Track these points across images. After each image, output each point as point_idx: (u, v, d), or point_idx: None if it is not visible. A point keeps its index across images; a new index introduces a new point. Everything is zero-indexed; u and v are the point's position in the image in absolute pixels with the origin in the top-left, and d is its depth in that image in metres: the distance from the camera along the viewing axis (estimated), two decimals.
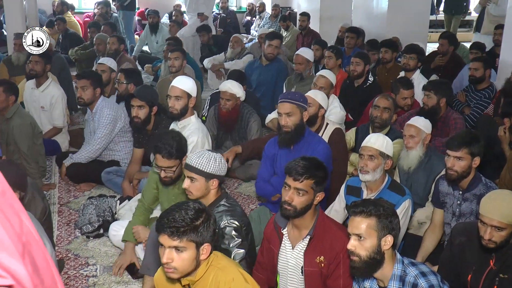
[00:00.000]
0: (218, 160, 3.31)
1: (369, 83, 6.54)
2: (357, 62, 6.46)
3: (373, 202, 2.70)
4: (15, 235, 0.84)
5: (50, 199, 5.22)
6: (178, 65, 6.72)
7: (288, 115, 4.09)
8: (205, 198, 3.28)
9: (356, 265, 2.64)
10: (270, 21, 13.08)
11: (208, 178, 3.26)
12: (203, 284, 2.59)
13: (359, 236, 2.62)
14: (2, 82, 5.45)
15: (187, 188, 3.28)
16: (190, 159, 3.30)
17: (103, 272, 4.06)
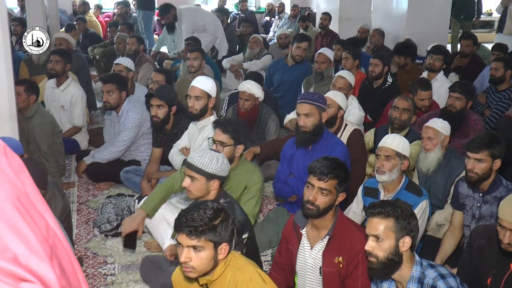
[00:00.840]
0: (221, 160, 3.28)
1: (388, 84, 6.50)
2: (376, 63, 6.43)
3: (391, 203, 2.69)
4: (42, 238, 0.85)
5: (70, 198, 5.26)
6: (197, 65, 6.74)
7: (307, 115, 4.09)
8: (205, 198, 3.24)
9: (374, 266, 2.63)
10: (289, 22, 13.05)
11: (209, 178, 3.23)
12: (220, 284, 2.59)
13: (377, 237, 2.61)
14: (23, 81, 5.51)
15: (187, 187, 3.26)
16: (191, 157, 3.27)
17: (121, 271, 4.08)
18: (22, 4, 11.47)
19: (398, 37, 9.21)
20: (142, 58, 7.98)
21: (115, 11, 13.16)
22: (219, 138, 3.91)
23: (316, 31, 11.17)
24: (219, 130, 3.93)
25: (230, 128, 3.90)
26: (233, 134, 3.90)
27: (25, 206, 0.89)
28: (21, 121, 5.05)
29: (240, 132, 3.95)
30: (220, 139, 3.90)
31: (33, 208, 0.91)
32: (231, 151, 3.90)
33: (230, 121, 4.02)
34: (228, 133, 3.89)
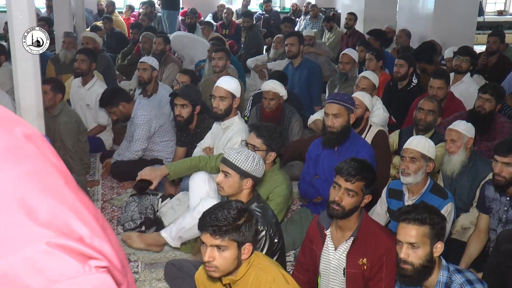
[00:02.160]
0: (257, 160, 3.27)
1: (413, 85, 6.44)
2: (401, 64, 6.37)
3: (426, 209, 2.63)
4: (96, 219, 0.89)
5: (94, 196, 5.31)
6: (222, 65, 6.75)
7: (336, 116, 4.06)
8: (236, 197, 3.23)
9: (408, 274, 2.58)
10: (311, 22, 12.99)
11: (243, 176, 3.22)
12: (244, 284, 2.59)
13: (413, 244, 2.56)
14: (50, 80, 5.57)
15: (219, 183, 3.25)
16: (228, 153, 3.27)
17: (145, 269, 4.10)
18: (49, 4, 11.62)
19: (424, 38, 9.11)
20: (168, 58, 8.01)
21: (140, 11, 13.25)
22: (252, 141, 3.92)
23: (341, 31, 11.12)
24: (253, 134, 3.94)
25: (265, 133, 3.91)
26: (267, 140, 3.90)
27: (74, 188, 0.93)
28: (47, 120, 5.11)
29: (274, 139, 3.94)
30: (253, 142, 3.90)
31: (79, 189, 0.95)
32: (262, 156, 3.86)
33: (267, 127, 4.01)
34: (261, 138, 3.90)
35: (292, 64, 7.53)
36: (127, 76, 9.26)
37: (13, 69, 4.74)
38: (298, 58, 7.44)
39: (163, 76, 7.61)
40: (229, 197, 3.25)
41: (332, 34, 11.27)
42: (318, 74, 7.47)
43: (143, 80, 6.42)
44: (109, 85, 6.86)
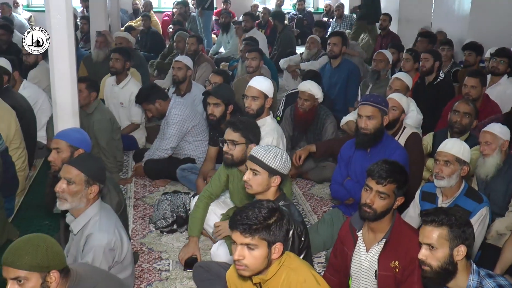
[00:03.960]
0: (285, 157, 3.26)
1: (439, 79, 6.39)
2: (426, 58, 6.36)
3: (445, 211, 2.61)
4: None
5: (126, 193, 5.37)
6: (255, 65, 6.76)
7: (369, 118, 4.02)
8: (264, 195, 3.23)
9: (427, 275, 2.57)
10: (336, 23, 12.90)
11: (271, 173, 3.20)
12: (274, 284, 2.57)
13: (430, 245, 2.55)
14: (85, 79, 5.65)
15: (247, 181, 3.23)
16: (256, 151, 3.25)
17: (175, 267, 4.13)
18: (86, 5, 11.81)
19: (459, 39, 8.97)
20: (201, 57, 8.06)
21: (174, 11, 13.36)
22: (230, 137, 3.89)
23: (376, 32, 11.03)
24: (229, 129, 3.91)
25: (241, 126, 3.88)
26: (244, 132, 3.88)
27: None
28: (82, 118, 5.18)
29: (251, 130, 3.92)
30: (231, 137, 3.88)
31: None
32: (242, 150, 3.87)
33: (241, 120, 3.99)
34: (238, 132, 3.87)
35: (330, 64, 7.50)
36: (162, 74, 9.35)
37: (50, 68, 4.81)
38: (338, 58, 7.41)
39: (196, 75, 7.65)
40: (256, 195, 3.24)
41: (366, 35, 11.18)
42: (356, 75, 7.45)
43: (178, 79, 6.48)
44: (142, 84, 6.93)
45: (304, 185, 5.68)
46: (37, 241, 2.41)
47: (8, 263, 2.36)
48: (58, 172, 3.35)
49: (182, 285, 3.91)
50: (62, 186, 3.12)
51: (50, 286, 2.42)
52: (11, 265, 2.36)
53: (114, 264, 3.18)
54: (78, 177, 3.12)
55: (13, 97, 5.45)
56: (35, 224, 4.79)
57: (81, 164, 3.17)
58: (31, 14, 13.79)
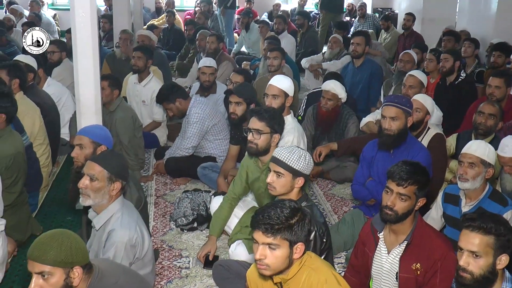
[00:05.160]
0: (308, 158, 3.25)
1: (461, 79, 6.33)
2: (446, 58, 6.31)
3: (492, 218, 2.53)
4: None
5: (147, 191, 5.39)
6: (277, 64, 6.76)
7: (393, 119, 3.99)
8: (287, 196, 3.21)
9: (466, 283, 2.48)
10: (359, 23, 12.81)
11: (295, 175, 3.20)
12: (295, 283, 2.57)
13: (474, 253, 2.46)
14: (108, 76, 5.69)
15: (271, 183, 3.22)
16: (279, 153, 3.23)
17: (196, 265, 4.14)
18: (110, 3, 11.90)
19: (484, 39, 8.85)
20: (222, 56, 8.07)
21: (196, 9, 13.40)
22: (255, 126, 3.86)
23: (398, 32, 10.94)
24: (255, 118, 3.88)
25: (266, 116, 3.85)
26: (269, 122, 3.84)
27: None
28: (104, 115, 5.22)
29: (276, 120, 3.89)
30: (256, 127, 3.85)
31: None
32: (267, 139, 3.84)
33: (266, 109, 3.96)
34: (264, 121, 3.84)
35: (353, 64, 7.47)
36: (183, 74, 9.39)
37: (74, 66, 4.86)
38: (361, 58, 7.38)
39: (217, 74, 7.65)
40: (279, 196, 3.23)
41: (389, 34, 11.10)
42: (379, 75, 7.41)
43: (209, 84, 6.46)
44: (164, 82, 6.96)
45: (325, 185, 5.66)
46: (61, 237, 2.44)
47: (34, 257, 2.39)
48: (81, 168, 3.38)
49: (202, 283, 3.92)
50: (85, 182, 3.15)
51: (73, 281, 2.44)
52: (36, 260, 2.38)
53: (135, 260, 3.20)
54: (101, 174, 3.15)
55: (37, 94, 5.51)
56: (58, 219, 4.84)
57: (104, 161, 3.19)
58: (56, 13, 13.93)
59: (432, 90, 6.39)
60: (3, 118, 4.15)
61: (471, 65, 7.58)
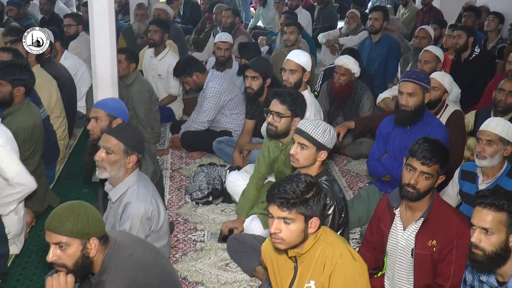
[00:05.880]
0: (332, 132, 3.24)
1: (474, 55, 6.26)
2: (459, 34, 6.24)
3: (505, 195, 2.50)
4: None
5: (163, 165, 5.42)
6: (294, 39, 6.71)
7: (410, 95, 3.94)
8: (309, 169, 3.20)
9: (479, 259, 2.47)
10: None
11: (319, 148, 3.18)
12: (310, 258, 2.58)
13: (486, 230, 2.43)
14: (124, 50, 5.69)
15: (294, 155, 3.21)
16: (305, 125, 3.22)
17: (210, 238, 4.17)
18: None
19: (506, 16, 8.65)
20: (238, 30, 8.03)
21: None
22: (276, 108, 3.80)
23: (416, 7, 10.76)
24: (276, 100, 3.82)
25: (288, 99, 3.79)
26: (291, 106, 3.78)
27: None
28: (121, 89, 5.24)
29: (298, 104, 3.83)
30: (277, 109, 3.79)
31: None
32: (287, 123, 3.79)
33: (289, 92, 3.89)
34: (285, 104, 3.78)
35: (370, 39, 7.39)
36: (199, 49, 9.35)
37: (91, 39, 4.86)
38: (378, 33, 7.29)
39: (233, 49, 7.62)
40: (301, 169, 3.23)
41: (407, 9, 10.91)
42: (397, 51, 7.33)
43: (224, 59, 6.45)
44: (180, 56, 6.94)
45: (340, 161, 5.65)
46: (78, 208, 2.46)
47: (51, 228, 2.42)
48: (97, 141, 3.39)
49: (216, 256, 3.95)
50: (102, 155, 3.16)
51: (90, 252, 2.47)
52: (53, 230, 2.41)
53: (150, 233, 3.22)
54: (117, 147, 3.16)
55: (54, 67, 5.53)
56: (74, 191, 4.89)
57: (120, 133, 3.20)
58: None
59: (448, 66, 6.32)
60: (22, 91, 4.18)
61: (493, 40, 7.43)
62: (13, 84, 4.13)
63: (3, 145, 3.63)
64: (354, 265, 2.54)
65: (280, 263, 2.73)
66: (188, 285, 3.62)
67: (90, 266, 2.51)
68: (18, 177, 3.67)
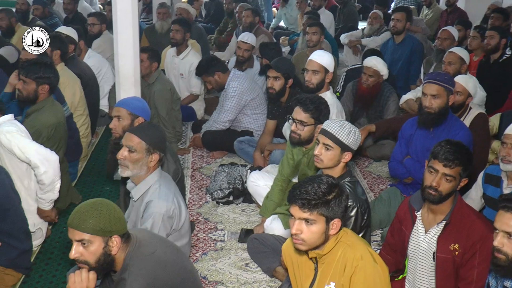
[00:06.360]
0: (357, 134, 3.22)
1: (505, 57, 6.17)
2: (492, 35, 6.14)
3: None
4: None
5: (184, 164, 5.44)
6: (316, 39, 6.69)
7: (434, 97, 3.91)
8: (332, 170, 3.19)
9: (502, 264, 2.43)
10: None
11: (343, 149, 3.17)
12: (330, 259, 2.57)
13: (509, 234, 2.40)
14: (147, 49, 5.71)
15: (318, 155, 3.19)
16: (330, 126, 3.20)
17: (231, 238, 4.18)
18: None
19: None
20: (258, 30, 8.02)
21: None
22: (299, 117, 3.76)
23: (440, 8, 10.66)
24: (299, 108, 3.76)
25: (312, 107, 3.74)
26: (314, 113, 3.74)
27: None
28: (143, 87, 5.27)
29: (322, 111, 3.78)
30: (300, 118, 3.75)
31: None
32: (310, 131, 3.77)
33: (312, 99, 3.82)
34: (308, 112, 3.74)
35: (393, 40, 7.34)
36: (221, 48, 9.37)
37: (114, 38, 4.90)
38: (401, 34, 7.25)
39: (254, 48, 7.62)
40: (324, 170, 3.22)
41: (431, 10, 10.82)
42: (420, 52, 7.26)
43: (244, 59, 6.47)
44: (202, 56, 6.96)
45: (361, 162, 5.62)
46: (100, 206, 2.48)
47: (74, 225, 2.44)
48: (119, 140, 3.42)
49: (236, 256, 3.95)
50: (124, 153, 3.18)
51: (111, 250, 2.48)
52: (76, 228, 2.43)
53: (172, 231, 3.24)
54: (140, 145, 3.18)
55: (78, 66, 5.58)
56: (96, 189, 4.92)
57: (142, 132, 3.22)
58: None
59: (475, 68, 6.24)
60: (46, 89, 4.22)
61: None
62: (38, 82, 4.17)
63: (16, 131, 3.68)
64: (375, 267, 2.53)
65: (301, 264, 2.73)
66: (208, 285, 3.63)
67: (112, 263, 2.53)
68: (36, 155, 3.68)
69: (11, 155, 3.68)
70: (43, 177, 3.69)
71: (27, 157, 3.66)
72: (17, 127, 3.74)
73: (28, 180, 3.79)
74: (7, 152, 3.68)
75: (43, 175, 3.68)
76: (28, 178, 3.79)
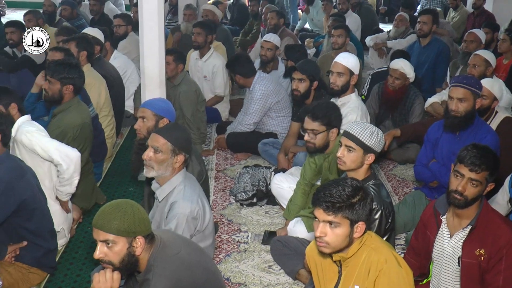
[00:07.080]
0: (380, 135, 3.20)
1: None
2: None
3: None
4: None
5: (208, 165, 5.45)
6: (341, 42, 6.66)
7: (461, 100, 3.87)
8: (356, 172, 3.18)
9: None
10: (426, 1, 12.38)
11: (366, 151, 3.15)
12: (354, 262, 2.55)
13: None
14: (172, 51, 5.75)
15: (341, 157, 3.18)
16: (352, 128, 3.19)
17: (254, 240, 4.18)
18: None
19: None
20: (283, 32, 8.02)
21: None
22: (309, 126, 3.77)
23: (467, 11, 10.54)
24: (308, 118, 3.78)
25: (320, 114, 3.74)
26: (324, 120, 3.75)
27: None
28: (168, 89, 5.30)
29: (330, 115, 3.77)
30: (311, 127, 3.76)
31: None
32: (324, 137, 3.77)
33: (319, 106, 3.82)
34: (317, 120, 3.75)
35: (419, 43, 7.29)
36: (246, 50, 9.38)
37: (140, 39, 4.93)
38: (427, 37, 7.18)
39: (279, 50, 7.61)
40: (348, 172, 3.20)
41: (457, 13, 10.69)
42: (446, 55, 7.20)
43: (267, 59, 6.48)
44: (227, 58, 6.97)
45: (386, 166, 5.58)
46: (125, 207, 2.49)
47: (98, 226, 2.46)
48: (143, 140, 3.44)
49: (260, 258, 3.95)
50: (150, 154, 3.20)
51: (136, 250, 2.50)
52: (100, 228, 2.45)
53: (196, 232, 3.25)
54: (165, 146, 3.20)
55: (104, 67, 5.63)
56: (121, 190, 4.96)
57: (168, 133, 3.24)
58: None
59: (505, 72, 6.14)
60: (71, 89, 4.26)
61: None
62: (62, 82, 4.22)
63: (35, 131, 3.73)
64: (399, 271, 2.51)
65: (324, 266, 2.72)
66: (231, 286, 3.64)
67: (136, 264, 2.55)
68: (57, 152, 3.72)
69: (34, 155, 3.73)
70: (65, 173, 3.74)
71: (50, 155, 3.70)
72: (36, 126, 3.79)
73: (48, 180, 3.83)
74: (30, 152, 3.73)
75: (66, 171, 3.73)
76: (49, 179, 3.84)
